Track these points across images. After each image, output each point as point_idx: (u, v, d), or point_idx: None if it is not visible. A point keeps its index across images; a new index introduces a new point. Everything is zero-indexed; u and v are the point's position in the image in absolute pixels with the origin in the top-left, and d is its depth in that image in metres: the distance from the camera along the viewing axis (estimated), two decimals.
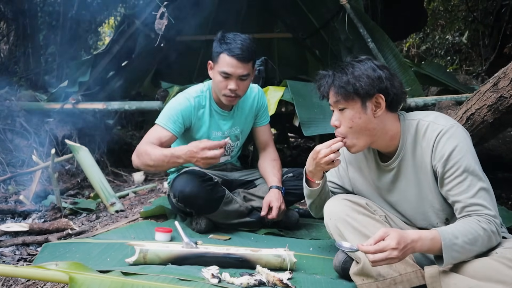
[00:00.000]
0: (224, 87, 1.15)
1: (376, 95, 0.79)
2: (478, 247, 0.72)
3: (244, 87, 1.17)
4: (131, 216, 1.43)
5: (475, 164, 0.76)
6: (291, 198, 1.27)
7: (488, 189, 0.76)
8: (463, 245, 0.71)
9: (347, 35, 2.02)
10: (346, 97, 0.79)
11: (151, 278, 0.76)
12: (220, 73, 1.15)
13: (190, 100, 1.19)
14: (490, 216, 0.74)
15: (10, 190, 1.78)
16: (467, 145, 0.77)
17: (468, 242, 0.71)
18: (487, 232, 0.72)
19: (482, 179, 0.76)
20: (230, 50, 1.12)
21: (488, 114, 1.12)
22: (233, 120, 1.26)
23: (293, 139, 3.95)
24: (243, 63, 1.13)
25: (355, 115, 0.79)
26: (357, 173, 0.92)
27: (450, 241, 0.71)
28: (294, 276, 0.88)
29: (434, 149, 0.77)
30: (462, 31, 4.31)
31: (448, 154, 0.76)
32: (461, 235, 0.71)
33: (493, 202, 0.76)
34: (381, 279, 0.78)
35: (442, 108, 1.66)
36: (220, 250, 0.94)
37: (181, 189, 1.11)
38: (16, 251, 1.20)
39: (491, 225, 0.73)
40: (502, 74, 1.08)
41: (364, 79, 0.78)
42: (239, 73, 1.14)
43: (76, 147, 1.64)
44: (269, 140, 1.36)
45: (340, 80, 0.79)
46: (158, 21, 1.88)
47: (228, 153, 1.29)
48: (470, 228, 0.72)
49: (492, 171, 1.96)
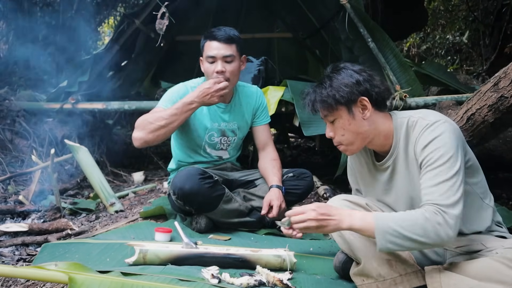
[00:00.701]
0: (212, 72, 1.18)
1: (359, 99, 0.80)
2: (419, 236, 0.69)
3: (232, 69, 1.19)
4: (131, 216, 1.43)
5: (452, 156, 0.73)
6: (292, 198, 1.27)
7: (456, 180, 0.71)
8: (399, 230, 0.69)
9: (347, 35, 2.02)
10: (331, 109, 0.81)
11: (151, 279, 0.76)
12: (206, 59, 1.19)
13: (187, 87, 1.25)
14: (440, 206, 0.70)
15: (9, 190, 1.78)
16: (449, 137, 0.74)
17: (406, 227, 0.69)
18: (430, 222, 0.69)
19: (452, 169, 0.72)
20: (212, 36, 1.19)
21: (488, 114, 1.12)
22: (229, 114, 1.28)
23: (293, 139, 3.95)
24: (225, 43, 1.17)
25: (344, 123, 0.81)
26: (360, 176, 0.93)
27: (384, 223, 0.70)
28: (294, 276, 0.88)
29: (417, 141, 0.78)
30: (462, 31, 4.30)
31: (426, 144, 0.75)
32: (398, 219, 0.70)
33: (455, 193, 0.71)
34: (381, 280, 0.78)
35: (442, 108, 1.66)
36: (220, 251, 0.93)
37: (181, 186, 1.11)
38: (16, 252, 1.19)
39: (438, 216, 0.69)
40: (502, 74, 1.08)
41: (342, 88, 0.79)
42: (222, 53, 1.17)
43: (75, 147, 1.63)
44: (269, 140, 1.36)
45: (321, 95, 0.81)
46: (159, 21, 1.87)
47: (225, 148, 1.30)
48: (410, 215, 0.71)
49: (493, 171, 1.96)
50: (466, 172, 0.76)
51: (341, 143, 0.84)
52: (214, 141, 1.27)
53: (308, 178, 1.30)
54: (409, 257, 0.78)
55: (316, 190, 1.76)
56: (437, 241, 0.70)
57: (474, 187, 0.80)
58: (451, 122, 0.78)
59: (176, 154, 1.33)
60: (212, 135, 1.26)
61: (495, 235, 0.80)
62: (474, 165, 0.80)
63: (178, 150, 1.33)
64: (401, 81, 1.86)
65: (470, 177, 0.79)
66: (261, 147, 1.35)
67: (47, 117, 2.13)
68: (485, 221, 0.81)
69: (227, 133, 1.29)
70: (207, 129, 1.26)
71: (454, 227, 0.70)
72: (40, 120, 2.11)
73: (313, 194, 1.74)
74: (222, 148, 1.30)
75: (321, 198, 1.70)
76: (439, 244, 0.72)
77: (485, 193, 0.82)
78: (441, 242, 0.70)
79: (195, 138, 1.27)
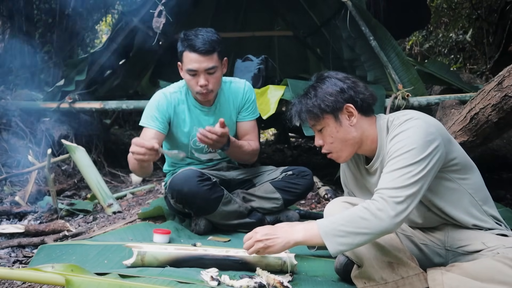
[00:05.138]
0: (195, 85, 1.13)
1: (344, 106, 0.82)
2: (363, 228, 0.69)
3: (215, 80, 1.14)
4: (129, 218, 1.41)
5: (414, 148, 0.72)
6: (291, 197, 1.26)
7: (412, 170, 0.70)
8: (343, 228, 0.70)
9: (348, 33, 2.00)
10: (318, 119, 0.83)
11: (149, 281, 0.75)
12: (187, 72, 1.13)
13: (166, 95, 1.19)
14: (383, 190, 0.70)
15: (5, 191, 1.77)
16: (414, 132, 0.73)
17: (348, 224, 0.70)
18: (369, 210, 0.69)
19: (411, 160, 0.71)
20: (191, 46, 1.10)
21: (492, 114, 1.11)
22: (215, 116, 1.23)
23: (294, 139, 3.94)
24: (206, 55, 1.10)
25: (332, 130, 0.82)
26: (352, 180, 0.94)
27: (328, 227, 0.71)
28: (295, 278, 0.87)
29: (388, 137, 0.79)
30: (466, 29, 4.27)
31: (391, 138, 0.77)
32: (340, 219, 0.72)
33: (408, 179, 0.70)
34: (383, 283, 0.77)
35: (445, 107, 1.64)
36: (219, 252, 0.92)
37: (179, 189, 1.10)
38: (12, 253, 1.18)
39: (378, 202, 0.70)
40: (506, 73, 1.07)
41: (327, 98, 0.81)
42: (204, 67, 1.11)
43: (72, 147, 1.62)
44: (253, 139, 1.26)
45: (306, 105, 0.83)
46: (156, 19, 1.85)
47: (214, 150, 1.25)
48: (350, 211, 0.72)
49: (497, 172, 1.94)
50: (452, 170, 0.78)
51: (331, 151, 0.85)
52: (199, 146, 1.22)
53: (308, 177, 1.27)
54: (411, 259, 0.78)
55: (317, 191, 1.75)
56: (382, 227, 0.69)
57: (463, 185, 0.80)
58: (426, 120, 0.77)
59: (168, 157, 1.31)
60: (196, 141, 1.20)
61: (496, 233, 0.80)
62: (462, 163, 0.80)
63: None
64: (403, 80, 1.84)
65: (458, 174, 0.79)
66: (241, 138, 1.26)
67: (44, 116, 2.11)
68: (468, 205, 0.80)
69: None
70: (190, 135, 1.21)
71: (396, 209, 0.69)
72: (36, 120, 2.09)
73: (314, 195, 1.73)
74: (210, 151, 1.25)
75: (322, 199, 1.68)
76: (386, 229, 0.70)
77: (478, 191, 0.81)
78: (386, 226, 0.69)
79: (180, 144, 1.23)
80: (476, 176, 0.82)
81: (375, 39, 1.88)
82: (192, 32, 1.13)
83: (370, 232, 0.70)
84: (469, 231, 0.81)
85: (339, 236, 0.70)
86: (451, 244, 0.82)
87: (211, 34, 1.13)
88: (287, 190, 1.23)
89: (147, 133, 1.15)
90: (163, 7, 1.82)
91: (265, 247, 0.76)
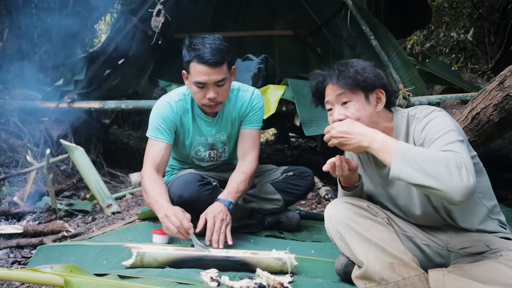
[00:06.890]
0: (203, 97, 1.06)
1: (377, 90, 0.83)
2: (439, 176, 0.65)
3: (224, 92, 1.08)
4: (128, 218, 1.41)
5: (452, 130, 0.73)
6: (291, 198, 1.25)
7: (463, 145, 0.71)
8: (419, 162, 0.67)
9: (349, 32, 2.00)
10: (352, 88, 0.81)
11: (149, 282, 0.75)
12: (195, 84, 1.05)
13: (172, 105, 1.13)
14: (461, 158, 0.68)
15: (4, 191, 1.76)
16: (446, 120, 0.76)
17: (427, 161, 0.67)
18: (456, 164, 0.66)
19: (457, 137, 0.72)
20: (199, 57, 1.02)
21: (494, 114, 1.11)
22: (218, 126, 1.18)
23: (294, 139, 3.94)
24: (216, 68, 1.02)
25: (360, 107, 0.81)
26: (361, 169, 0.93)
27: (405, 150, 0.69)
28: (295, 279, 0.86)
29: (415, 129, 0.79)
30: (467, 29, 4.29)
31: (423, 127, 0.78)
32: (422, 151, 0.70)
33: (468, 154, 0.70)
34: (384, 283, 0.76)
35: (447, 107, 1.64)
36: (219, 253, 0.92)
37: (180, 194, 1.08)
38: (10, 254, 1.17)
39: (458, 161, 0.66)
40: (508, 73, 1.07)
41: (367, 74, 0.82)
42: (214, 79, 1.03)
43: (71, 147, 1.61)
44: (251, 150, 1.17)
45: (348, 72, 0.82)
46: (154, 19, 1.84)
47: (215, 159, 1.24)
48: (437, 153, 0.69)
49: (498, 172, 1.93)
50: None
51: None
52: (201, 155, 1.21)
53: (309, 177, 1.26)
54: (412, 260, 0.77)
55: (318, 191, 1.75)
56: (457, 185, 0.65)
57: None
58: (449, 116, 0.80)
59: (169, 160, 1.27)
60: (198, 150, 1.19)
61: (500, 237, 0.80)
62: (478, 165, 0.80)
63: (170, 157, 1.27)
64: (404, 80, 1.84)
65: None
66: (241, 156, 1.17)
67: (43, 116, 2.10)
68: (478, 217, 0.81)
69: (217, 145, 1.20)
70: (192, 145, 1.18)
71: (471, 181, 0.65)
72: (35, 120, 2.08)
73: (315, 195, 1.73)
74: (211, 160, 1.23)
75: (323, 199, 1.68)
76: (455, 191, 0.65)
77: (485, 193, 0.81)
78: (461, 187, 0.65)
79: (181, 152, 1.22)
80: (485, 180, 0.82)
81: (375, 39, 1.88)
82: (199, 40, 1.04)
83: (441, 184, 0.65)
84: (472, 233, 0.81)
85: (411, 167, 0.67)
86: (453, 245, 0.82)
87: (219, 42, 1.04)
88: (287, 191, 1.23)
89: (155, 146, 1.11)
90: (162, 6, 1.81)
91: (339, 144, 0.77)
